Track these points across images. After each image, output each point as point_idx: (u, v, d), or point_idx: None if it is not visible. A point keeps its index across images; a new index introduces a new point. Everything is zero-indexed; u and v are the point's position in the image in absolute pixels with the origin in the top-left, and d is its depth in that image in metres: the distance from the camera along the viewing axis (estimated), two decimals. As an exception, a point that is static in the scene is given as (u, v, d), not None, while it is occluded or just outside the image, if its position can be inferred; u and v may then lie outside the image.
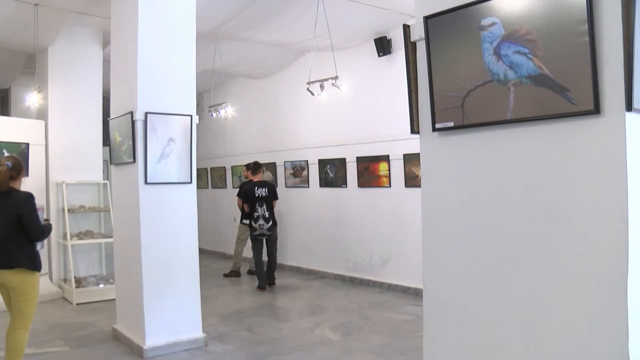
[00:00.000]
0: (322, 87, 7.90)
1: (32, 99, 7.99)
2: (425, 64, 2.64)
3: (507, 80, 2.31)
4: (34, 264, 4.38)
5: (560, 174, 2.20)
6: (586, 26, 2.03)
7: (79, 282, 7.68)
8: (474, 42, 2.41)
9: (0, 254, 4.26)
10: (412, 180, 7.74)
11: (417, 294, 7.51)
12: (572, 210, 2.16)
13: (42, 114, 8.34)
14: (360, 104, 8.57)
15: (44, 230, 4.48)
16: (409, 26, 2.81)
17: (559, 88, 2.14)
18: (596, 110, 2.05)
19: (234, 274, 9.62)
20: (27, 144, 7.89)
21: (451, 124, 2.56)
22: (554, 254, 2.22)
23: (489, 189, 2.46)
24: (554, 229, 2.22)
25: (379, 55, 8.16)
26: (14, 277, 4.28)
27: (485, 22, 2.36)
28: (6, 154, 7.61)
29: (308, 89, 7.94)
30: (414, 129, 2.82)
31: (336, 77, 7.72)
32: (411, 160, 7.66)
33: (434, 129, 2.64)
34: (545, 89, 2.18)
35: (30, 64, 8.77)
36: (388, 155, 8.12)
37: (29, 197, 4.42)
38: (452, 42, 2.52)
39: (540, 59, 2.18)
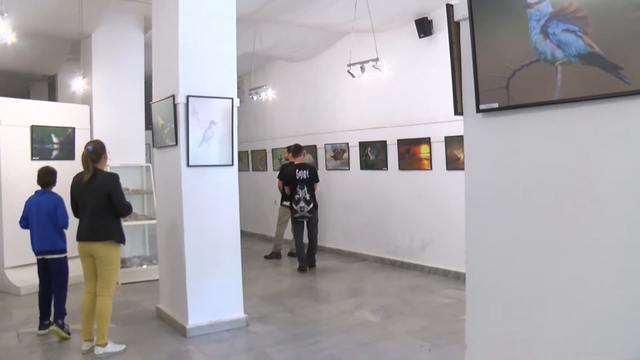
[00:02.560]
0: (362, 69, 7.83)
1: (77, 84, 8.18)
2: (469, 44, 2.57)
3: (555, 59, 2.23)
4: (121, 237, 5.03)
5: (610, 157, 2.11)
6: (642, -1, 1.93)
7: (123, 262, 7.85)
8: (520, 21, 2.34)
9: (93, 228, 4.86)
10: (453, 163, 7.64)
11: (457, 277, 7.45)
12: (621, 194, 2.08)
13: (87, 99, 8.52)
14: (401, 86, 8.47)
15: (129, 207, 5.07)
16: (452, 5, 2.74)
17: (611, 67, 2.04)
18: (652, 89, 1.96)
19: (275, 255, 9.70)
20: (73, 128, 8.09)
21: (496, 105, 2.50)
22: (600, 239, 2.15)
23: (534, 171, 2.40)
24: (601, 214, 2.14)
25: (420, 37, 8.03)
26: (103, 248, 4.88)
27: (532, -1, 2.28)
28: (54, 138, 7.83)
29: (349, 71, 7.89)
30: (458, 110, 2.77)
31: (377, 59, 7.63)
32: (453, 142, 7.55)
33: (478, 110, 2.58)
34: (596, 67, 2.09)
35: (75, 51, 8.97)
36: (429, 138, 8.02)
37: (116, 177, 5.00)
38: (497, 20, 2.45)
39: (591, 36, 2.09)
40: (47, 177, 5.54)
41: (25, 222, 5.53)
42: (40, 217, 5.41)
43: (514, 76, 2.40)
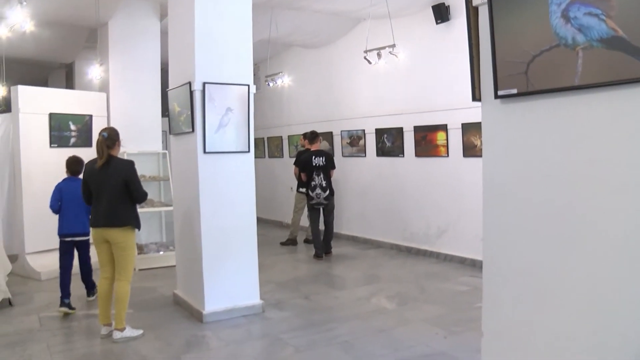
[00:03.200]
0: (379, 55, 7.79)
1: (94, 72, 8.23)
2: (488, 29, 2.54)
3: (576, 44, 2.19)
4: (138, 223, 5.09)
5: (631, 145, 2.07)
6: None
7: (140, 249, 7.94)
8: (540, 5, 2.29)
9: (111, 215, 4.90)
10: (470, 150, 7.58)
11: (473, 265, 7.42)
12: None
13: (104, 87, 8.57)
14: (418, 72, 8.40)
15: (145, 194, 5.13)
16: (471, -10, 2.70)
17: (636, 51, 1.99)
18: (679, 74, 1.90)
19: (291, 242, 9.73)
20: (91, 116, 8.15)
21: (514, 91, 2.46)
22: (618, 229, 2.12)
23: (553, 159, 2.36)
24: (620, 204, 2.10)
25: (437, 23, 7.94)
26: (120, 234, 4.93)
27: (553, -18, 2.23)
28: (72, 126, 7.90)
29: (365, 58, 7.85)
30: (476, 96, 2.73)
31: (393, 46, 7.58)
32: (469, 129, 7.49)
33: (496, 96, 2.55)
34: (619, 52, 2.04)
35: (92, 39, 9.01)
36: (446, 125, 7.97)
37: (132, 164, 5.06)
38: (516, 5, 2.41)
39: (615, 19, 2.04)
40: (76, 166, 5.92)
41: (58, 207, 5.81)
42: (75, 202, 5.71)
43: (534, 61, 2.36)
